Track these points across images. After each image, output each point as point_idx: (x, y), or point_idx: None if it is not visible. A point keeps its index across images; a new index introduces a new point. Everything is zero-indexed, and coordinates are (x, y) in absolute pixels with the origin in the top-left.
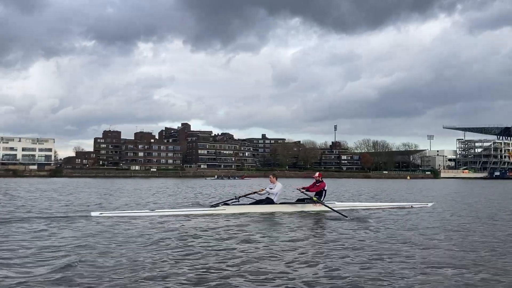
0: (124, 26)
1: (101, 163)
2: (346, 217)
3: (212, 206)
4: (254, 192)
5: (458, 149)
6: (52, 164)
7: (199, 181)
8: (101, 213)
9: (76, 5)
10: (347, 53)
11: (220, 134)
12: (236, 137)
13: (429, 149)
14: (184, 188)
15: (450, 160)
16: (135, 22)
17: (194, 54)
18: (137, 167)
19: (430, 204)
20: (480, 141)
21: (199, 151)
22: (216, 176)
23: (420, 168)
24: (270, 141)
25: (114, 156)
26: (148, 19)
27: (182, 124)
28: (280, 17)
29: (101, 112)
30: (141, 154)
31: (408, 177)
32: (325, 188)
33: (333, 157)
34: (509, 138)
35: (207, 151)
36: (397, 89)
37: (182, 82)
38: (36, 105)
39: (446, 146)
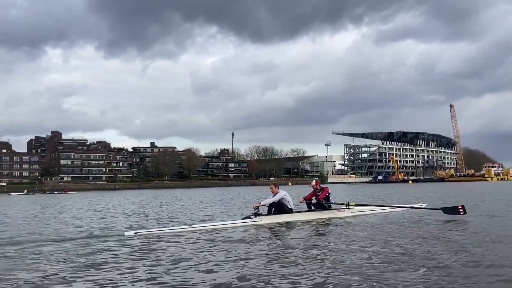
0: (30, 30)
1: None
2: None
3: (244, 218)
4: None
5: (345, 154)
6: None
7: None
8: (136, 232)
9: None
10: (266, 63)
11: (95, 142)
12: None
13: (318, 155)
14: None
15: (342, 165)
16: (42, 26)
17: (108, 61)
18: None
19: (424, 205)
20: (366, 146)
21: (62, 162)
22: (25, 190)
23: (310, 174)
24: (159, 149)
25: None
26: (56, 23)
27: (52, 132)
28: (197, 24)
29: (6, 122)
30: None
31: (290, 183)
32: (329, 192)
33: (220, 164)
34: (393, 142)
35: (72, 162)
36: (314, 98)
37: (96, 90)
38: None
39: (339, 151)
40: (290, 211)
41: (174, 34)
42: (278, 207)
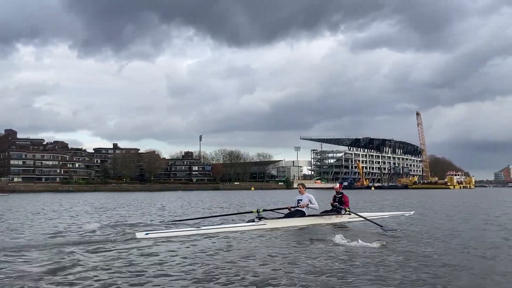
0: (1, 26)
1: None
2: (382, 226)
3: (249, 221)
4: (285, 208)
5: (312, 159)
6: None
7: None
8: (147, 233)
9: None
10: (243, 67)
11: (52, 142)
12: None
13: (285, 160)
14: None
15: (309, 170)
16: (14, 22)
17: (82, 60)
18: None
19: (412, 212)
20: (332, 152)
21: (12, 162)
22: None
23: (276, 179)
24: (121, 151)
25: None
26: (29, 20)
27: (6, 130)
28: (174, 25)
29: None
30: None
31: (252, 188)
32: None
33: (183, 168)
34: (359, 149)
35: (24, 162)
36: (290, 103)
37: (69, 90)
38: None
39: (307, 157)
40: (302, 214)
41: (150, 35)
42: (299, 211)
